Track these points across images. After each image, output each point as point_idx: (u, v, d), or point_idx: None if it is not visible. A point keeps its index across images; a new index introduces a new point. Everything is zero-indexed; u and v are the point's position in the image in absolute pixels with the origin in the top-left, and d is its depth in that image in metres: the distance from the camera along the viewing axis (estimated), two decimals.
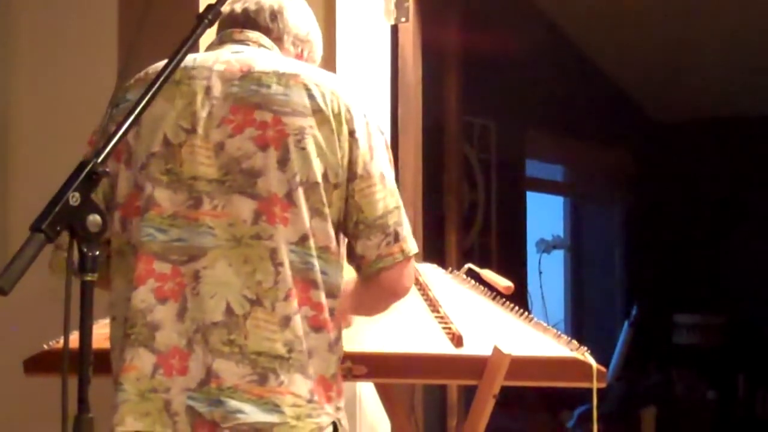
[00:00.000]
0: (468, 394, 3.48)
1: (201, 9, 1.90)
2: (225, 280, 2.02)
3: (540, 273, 7.03)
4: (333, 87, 2.11)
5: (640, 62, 7.16)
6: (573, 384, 2.46)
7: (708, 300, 7.64)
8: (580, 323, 8.07)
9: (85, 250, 1.58)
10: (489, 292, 2.78)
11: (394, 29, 3.55)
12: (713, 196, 7.70)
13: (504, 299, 2.73)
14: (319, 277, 2.06)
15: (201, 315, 2.02)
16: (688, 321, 7.72)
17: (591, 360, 2.39)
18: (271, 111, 2.05)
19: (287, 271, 2.02)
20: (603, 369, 2.39)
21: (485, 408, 2.37)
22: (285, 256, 2.02)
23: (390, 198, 2.11)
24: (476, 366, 2.36)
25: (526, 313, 2.64)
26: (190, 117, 2.06)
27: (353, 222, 2.09)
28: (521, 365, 2.36)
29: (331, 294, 2.08)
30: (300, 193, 2.03)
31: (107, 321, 2.53)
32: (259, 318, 2.01)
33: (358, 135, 2.08)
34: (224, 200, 2.04)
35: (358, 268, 2.14)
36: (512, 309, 2.66)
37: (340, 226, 2.11)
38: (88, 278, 1.58)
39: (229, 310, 2.01)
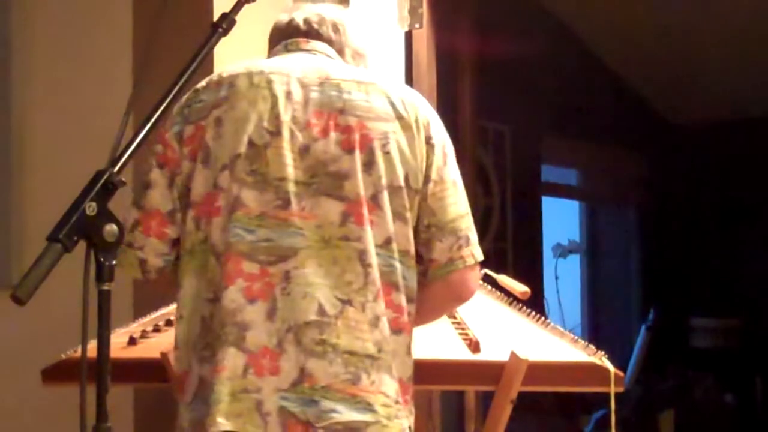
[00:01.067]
0: (485, 400, 3.47)
1: (215, 17, 1.91)
2: (316, 281, 2.03)
3: (556, 278, 7.03)
4: (410, 95, 2.16)
5: (654, 65, 7.15)
6: (590, 389, 2.45)
7: (725, 303, 7.61)
8: (597, 327, 8.05)
9: (102, 259, 1.59)
10: (505, 298, 2.78)
11: (408, 36, 3.56)
12: (729, 199, 7.68)
13: (520, 304, 2.72)
14: (400, 280, 2.07)
15: (292, 315, 2.02)
16: (705, 324, 7.70)
17: (608, 364, 2.39)
18: (354, 116, 2.08)
19: (376, 272, 2.04)
20: (620, 373, 2.38)
21: (503, 413, 2.37)
22: (373, 257, 2.04)
23: (462, 204, 2.14)
24: (493, 371, 2.35)
25: (543, 318, 2.64)
26: (274, 120, 2.07)
27: (425, 225, 2.11)
28: (538, 370, 2.35)
29: (410, 298, 2.10)
30: (385, 196, 2.06)
31: (124, 330, 2.54)
32: (351, 318, 2.02)
33: (434, 141, 2.13)
34: (312, 202, 2.05)
35: (424, 272, 2.14)
36: (529, 314, 2.66)
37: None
38: (105, 288, 1.59)
39: (321, 310, 2.02)
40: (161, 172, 2.09)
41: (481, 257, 2.16)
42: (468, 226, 2.14)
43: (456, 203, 2.13)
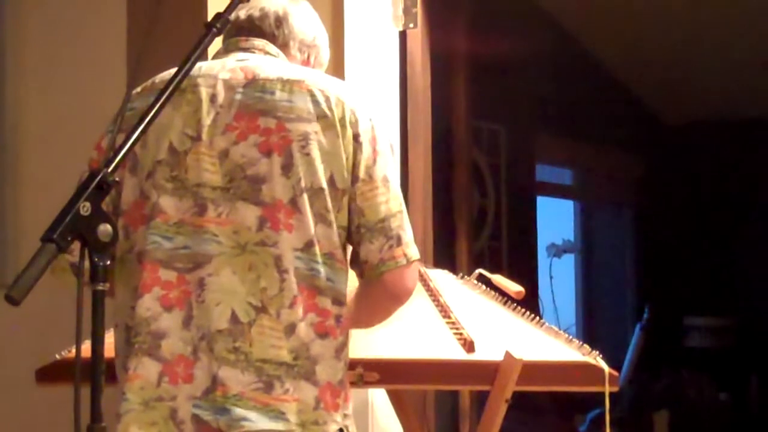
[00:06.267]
0: (480, 400, 3.48)
1: (209, 18, 1.90)
2: (230, 288, 2.02)
3: (551, 277, 7.02)
4: (338, 92, 2.11)
5: (649, 64, 7.15)
6: (585, 388, 2.46)
7: (719, 302, 7.62)
8: (592, 327, 8.05)
9: (96, 259, 1.59)
10: (500, 298, 2.78)
11: (403, 35, 3.55)
12: (723, 198, 7.68)
13: (515, 304, 2.72)
14: (324, 283, 2.05)
15: (206, 323, 2.02)
16: (699, 323, 7.70)
17: (603, 364, 2.39)
18: (275, 117, 2.05)
19: (292, 278, 2.02)
20: (615, 373, 2.39)
21: (497, 413, 2.37)
22: (290, 262, 2.02)
23: (393, 202, 2.10)
24: (488, 371, 2.36)
25: (538, 317, 2.64)
26: (196, 125, 2.06)
27: (355, 226, 2.08)
28: (533, 370, 2.36)
29: (337, 301, 2.07)
30: (305, 199, 2.03)
31: None
32: (265, 325, 2.01)
33: (362, 139, 2.08)
34: (229, 207, 2.04)
35: (361, 274, 2.13)
36: (523, 314, 2.66)
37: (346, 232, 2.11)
38: (100, 288, 1.59)
39: (234, 318, 2.01)
40: None
41: (415, 257, 2.11)
42: (399, 224, 2.09)
43: (386, 202, 2.08)
